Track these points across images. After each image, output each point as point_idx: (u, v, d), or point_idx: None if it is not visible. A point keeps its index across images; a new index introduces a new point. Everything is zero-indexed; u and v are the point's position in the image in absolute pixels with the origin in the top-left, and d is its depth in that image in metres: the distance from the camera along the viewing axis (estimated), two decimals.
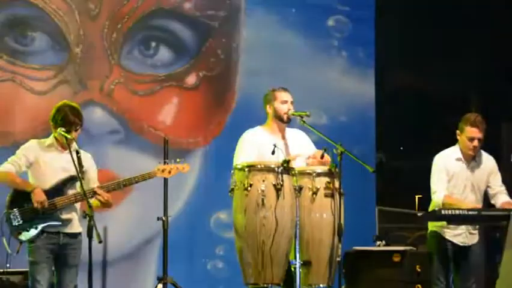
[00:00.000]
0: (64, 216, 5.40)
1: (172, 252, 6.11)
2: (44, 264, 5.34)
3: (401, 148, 9.80)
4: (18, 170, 5.42)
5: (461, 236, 5.82)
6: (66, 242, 5.41)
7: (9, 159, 5.45)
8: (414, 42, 8.25)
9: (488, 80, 7.96)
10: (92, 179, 5.53)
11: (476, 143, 5.81)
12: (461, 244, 5.82)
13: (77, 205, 5.47)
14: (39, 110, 6.85)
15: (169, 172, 5.65)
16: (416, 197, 8.70)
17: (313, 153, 5.66)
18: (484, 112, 6.08)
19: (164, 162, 5.75)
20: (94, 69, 7.26)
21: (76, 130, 5.42)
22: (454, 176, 5.84)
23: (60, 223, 5.38)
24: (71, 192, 5.41)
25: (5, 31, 7.04)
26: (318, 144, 5.81)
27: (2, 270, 6.08)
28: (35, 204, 5.29)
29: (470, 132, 5.81)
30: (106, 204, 5.43)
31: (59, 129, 5.40)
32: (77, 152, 5.37)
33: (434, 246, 5.83)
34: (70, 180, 5.42)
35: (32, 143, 5.53)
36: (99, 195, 5.37)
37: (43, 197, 5.32)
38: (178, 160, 5.70)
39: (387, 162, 9.15)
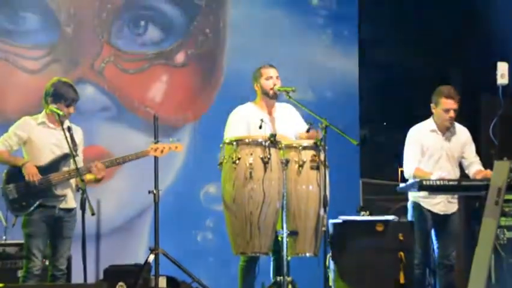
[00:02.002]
0: (59, 192, 5.42)
1: (163, 224, 6.13)
2: (40, 236, 5.38)
3: (385, 123, 9.83)
4: (9, 149, 5.44)
5: (440, 204, 5.88)
6: (61, 216, 5.45)
7: (0, 139, 5.46)
8: (396, 19, 8.26)
9: (467, 54, 7.98)
10: (80, 154, 5.54)
11: (452, 113, 5.88)
12: (441, 213, 5.88)
13: (72, 181, 5.48)
14: (32, 88, 6.84)
15: (162, 151, 5.68)
16: (399, 169, 8.75)
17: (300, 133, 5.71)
18: (463, 85, 6.12)
19: (157, 141, 5.76)
20: (84, 48, 7.24)
21: (73, 106, 5.43)
22: (430, 147, 5.91)
23: (55, 199, 5.40)
24: (65, 168, 5.43)
25: None
26: (304, 118, 5.86)
27: None
28: (27, 177, 5.31)
29: (446, 104, 5.86)
30: (98, 180, 5.46)
31: (50, 106, 5.41)
32: (69, 129, 5.39)
33: (415, 216, 5.89)
34: (64, 158, 5.43)
35: (25, 120, 5.52)
36: (97, 172, 5.38)
37: (34, 170, 5.33)
38: (171, 139, 5.73)
39: (371, 137, 9.19)
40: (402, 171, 6.28)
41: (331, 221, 5.75)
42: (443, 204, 5.89)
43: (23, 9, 7.08)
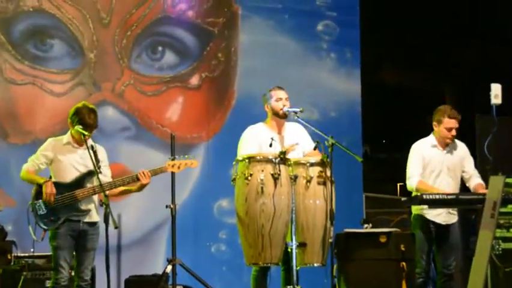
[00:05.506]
0: (84, 207, 5.41)
1: (180, 236, 6.13)
2: (66, 249, 5.36)
3: (384, 141, 9.81)
4: (37, 169, 5.43)
5: (442, 215, 5.85)
6: (86, 229, 5.42)
7: (29, 159, 5.47)
8: (396, 43, 8.28)
9: (462, 76, 7.98)
10: (104, 171, 5.53)
11: (454, 132, 5.87)
12: (443, 223, 5.84)
13: (95, 197, 5.47)
14: (58, 110, 6.90)
15: (178, 167, 5.65)
16: (398, 184, 8.72)
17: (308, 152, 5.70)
18: (459, 105, 6.10)
19: (174, 158, 5.75)
20: (106, 73, 7.28)
21: (90, 131, 5.44)
22: (431, 161, 5.87)
23: (80, 213, 5.40)
24: (89, 185, 5.42)
25: (27, 39, 7.09)
26: (311, 137, 5.84)
27: (27, 254, 6.11)
28: (44, 196, 5.28)
29: (449, 123, 5.85)
30: (141, 188, 5.48)
31: (76, 127, 5.40)
32: (92, 147, 5.39)
33: (418, 228, 5.84)
34: (88, 175, 5.43)
35: (50, 141, 5.52)
36: (143, 179, 5.41)
37: (53, 190, 5.31)
38: (186, 156, 5.71)
39: (372, 154, 9.17)
40: (401, 186, 6.25)
41: (337, 232, 5.72)
42: (445, 215, 5.86)
43: (51, 37, 7.15)
